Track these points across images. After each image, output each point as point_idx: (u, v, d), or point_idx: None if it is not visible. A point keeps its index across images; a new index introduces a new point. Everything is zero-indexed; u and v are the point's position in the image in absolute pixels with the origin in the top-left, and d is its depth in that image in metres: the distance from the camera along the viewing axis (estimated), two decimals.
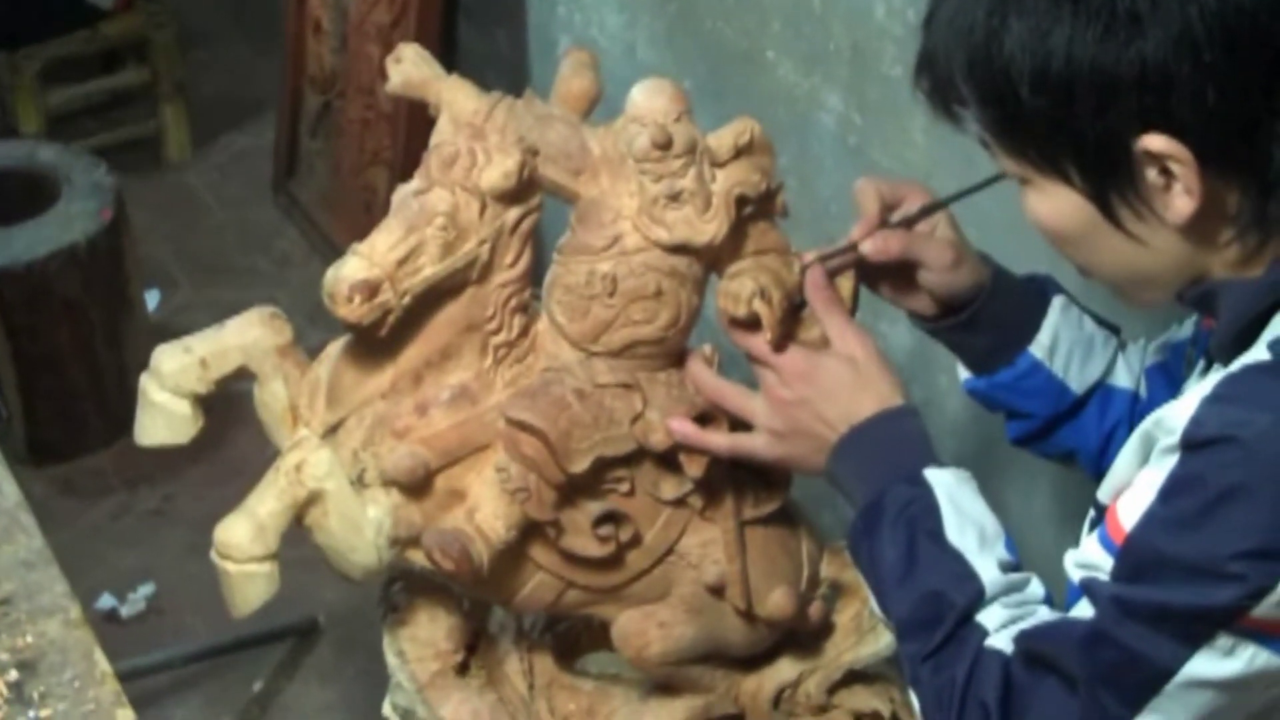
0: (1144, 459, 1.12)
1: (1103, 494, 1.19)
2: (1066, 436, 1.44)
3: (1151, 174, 1.08)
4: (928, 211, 1.38)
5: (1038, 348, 1.40)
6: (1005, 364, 1.41)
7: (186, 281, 3.41)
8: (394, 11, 3.03)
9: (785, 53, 2.19)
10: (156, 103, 3.74)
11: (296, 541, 1.41)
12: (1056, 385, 1.41)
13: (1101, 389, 1.42)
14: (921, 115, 1.15)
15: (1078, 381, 1.41)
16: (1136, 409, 1.41)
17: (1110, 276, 1.18)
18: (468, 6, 3.09)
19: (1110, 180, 1.09)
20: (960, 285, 1.38)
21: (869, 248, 1.36)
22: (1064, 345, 1.40)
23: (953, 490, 1.24)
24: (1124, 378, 1.43)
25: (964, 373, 1.45)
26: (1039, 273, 1.42)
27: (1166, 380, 1.39)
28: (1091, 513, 1.22)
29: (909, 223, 1.38)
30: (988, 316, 1.39)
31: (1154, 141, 1.05)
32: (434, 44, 2.96)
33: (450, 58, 3.10)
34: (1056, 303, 1.41)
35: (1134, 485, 1.10)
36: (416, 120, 2.78)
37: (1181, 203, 1.07)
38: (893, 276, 1.40)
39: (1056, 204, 1.13)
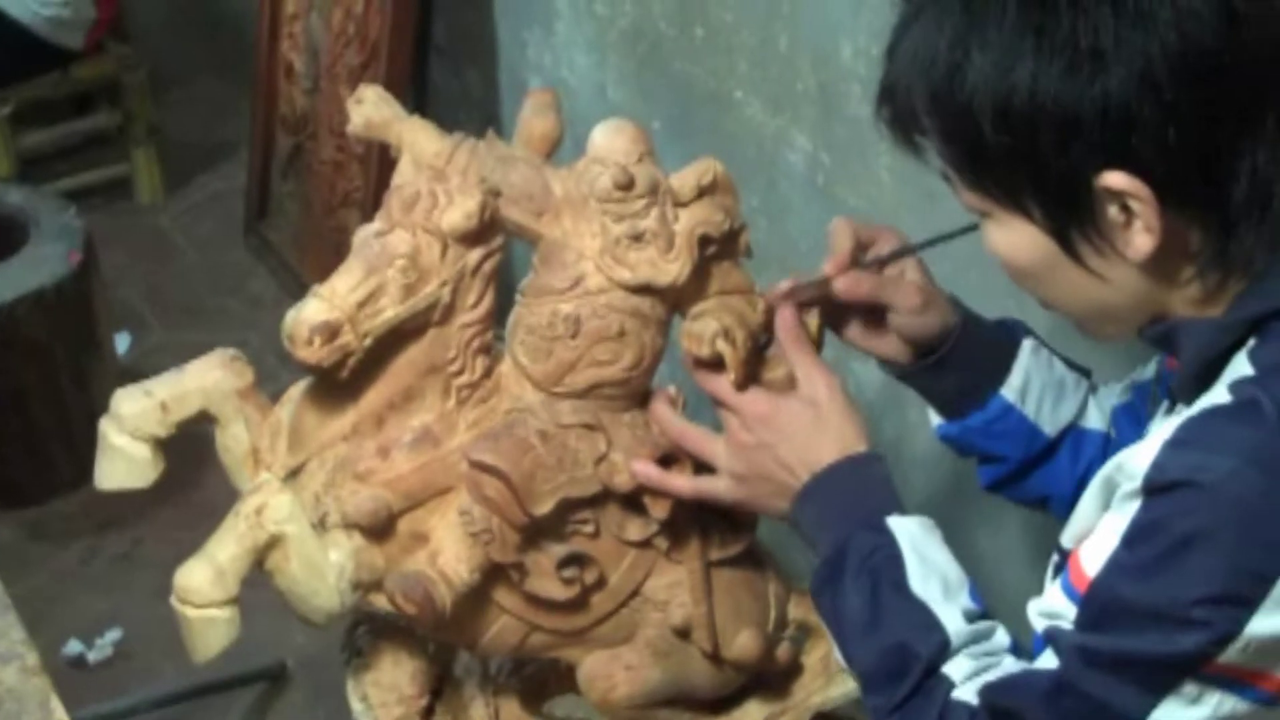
0: (1106, 504, 1.11)
1: (1066, 539, 1.18)
2: (1040, 481, 1.43)
3: (1112, 211, 1.07)
4: (899, 255, 1.38)
5: (1009, 390, 1.39)
6: (976, 407, 1.40)
7: (158, 324, 3.40)
8: (365, 53, 3.04)
9: (753, 93, 2.19)
10: (128, 145, 3.74)
11: (265, 585, 1.40)
12: (1028, 428, 1.40)
13: (1074, 431, 1.41)
14: (887, 155, 1.16)
15: (1050, 424, 1.40)
16: (1109, 451, 1.39)
17: (1071, 311, 1.17)
18: (439, 47, 3.10)
19: (1071, 216, 1.08)
20: (928, 329, 1.38)
21: (841, 285, 1.35)
22: (1035, 387, 1.39)
23: (916, 539, 1.23)
24: (1096, 420, 1.42)
25: (935, 419, 1.44)
26: (1008, 317, 1.42)
27: (1133, 420, 1.39)
28: (1055, 558, 1.21)
29: (880, 263, 1.37)
30: (957, 359, 1.38)
31: (1114, 179, 1.04)
32: (405, 85, 2.96)
33: (422, 99, 3.11)
34: (1026, 345, 1.40)
35: (1097, 531, 1.09)
36: (388, 162, 2.72)
37: (1141, 240, 1.07)
38: (860, 318, 1.40)
39: (1017, 239, 1.12)
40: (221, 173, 3.80)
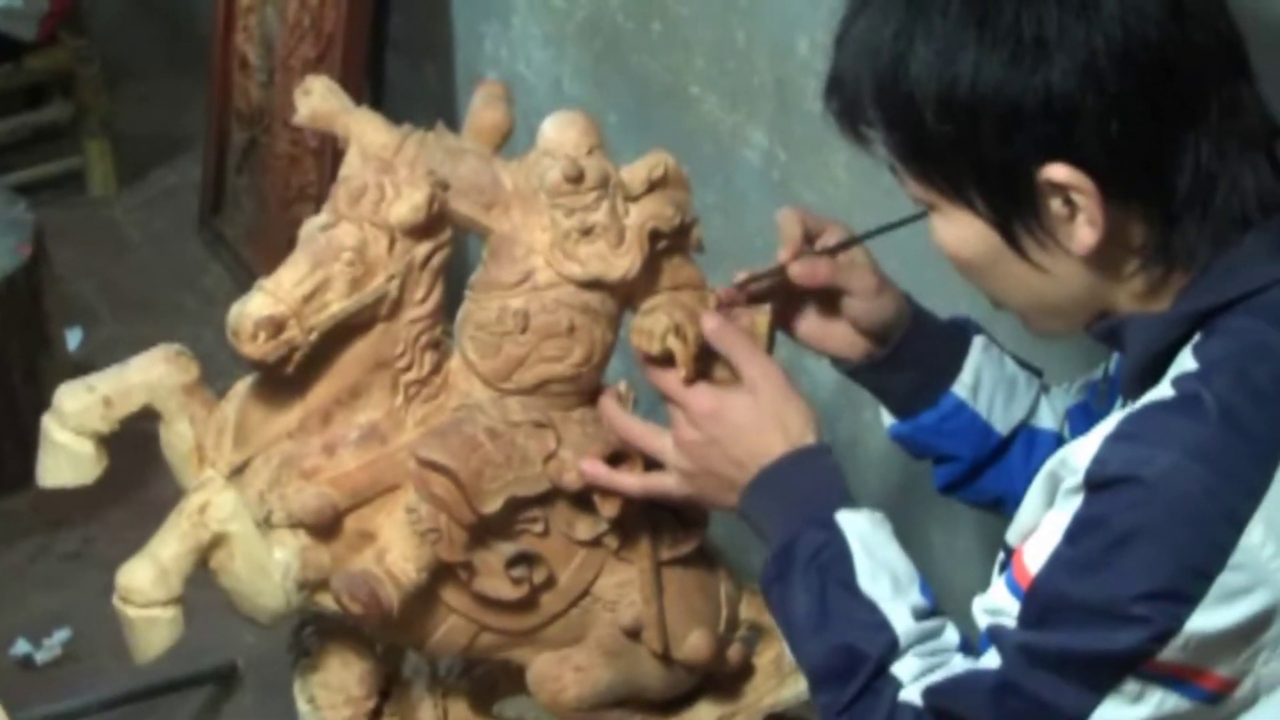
0: (1050, 500, 1.10)
1: (1011, 536, 1.17)
2: (993, 481, 1.43)
3: (1055, 204, 1.07)
4: (849, 244, 1.38)
5: (960, 387, 1.39)
6: (928, 405, 1.40)
7: (110, 319, 3.37)
8: (320, 46, 3.02)
9: (710, 88, 2.19)
10: (81, 138, 3.71)
11: (215, 584, 1.39)
12: (981, 426, 1.40)
13: (1026, 430, 1.41)
14: (844, 151, 1.17)
15: (1002, 422, 1.40)
16: None
17: (1015, 305, 1.18)
18: (395, 41, 3.09)
19: (1014, 209, 1.08)
20: (884, 315, 1.37)
21: (797, 269, 1.35)
22: (987, 385, 1.39)
23: (865, 534, 1.23)
24: (1048, 419, 1.42)
25: (888, 418, 1.44)
26: (959, 315, 1.42)
27: (1086, 419, 1.38)
28: (1001, 555, 1.21)
29: (831, 252, 1.37)
30: (909, 355, 1.38)
31: (1057, 171, 1.04)
32: (360, 78, 2.95)
33: (378, 92, 3.10)
34: (977, 342, 1.40)
35: (1040, 527, 1.09)
36: (343, 156, 2.76)
37: (1084, 233, 1.07)
38: (813, 310, 1.39)
39: (962, 231, 1.13)
40: (176, 166, 3.78)
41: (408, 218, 1.33)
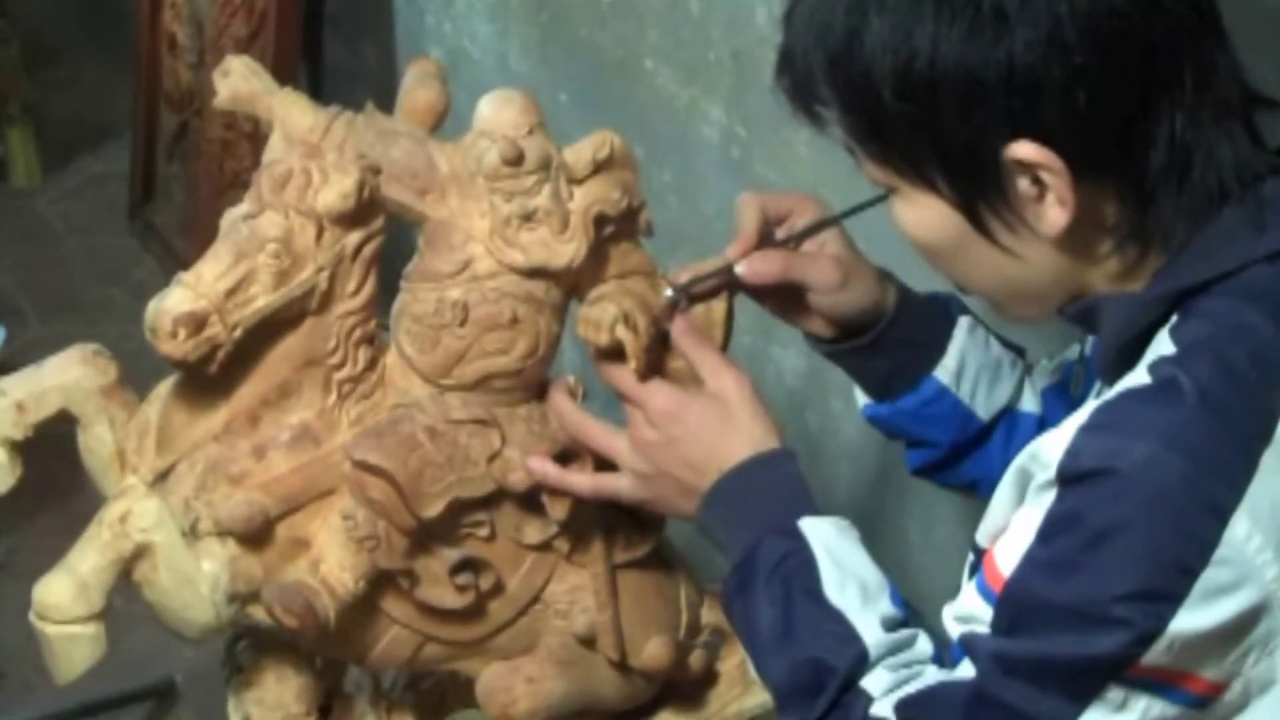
0: (1021, 496, 1.09)
1: (981, 536, 1.16)
2: (971, 466, 1.42)
3: (1023, 184, 1.06)
4: (815, 229, 1.36)
5: (943, 371, 1.38)
6: (909, 389, 1.39)
7: (35, 316, 3.34)
8: (253, 24, 2.99)
9: (664, 61, 2.18)
10: (1, 125, 3.67)
11: None
12: (963, 412, 1.39)
13: (1008, 415, 1.40)
14: (806, 128, 1.15)
15: (984, 408, 1.39)
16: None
17: (986, 291, 1.17)
18: (333, 17, 3.06)
19: (978, 190, 1.07)
20: (851, 306, 1.36)
21: (744, 269, 1.34)
22: (971, 369, 1.38)
23: (831, 542, 1.22)
24: (1030, 402, 1.42)
25: (862, 398, 1.43)
26: (942, 292, 1.40)
27: (1062, 400, 1.38)
28: (971, 557, 1.20)
29: (795, 240, 1.36)
30: (890, 338, 1.37)
31: (1023, 149, 1.03)
32: (295, 57, 2.92)
33: (315, 72, 3.07)
34: (963, 323, 1.39)
35: (1011, 526, 1.08)
36: None
37: (1054, 214, 1.06)
38: (779, 297, 1.38)
39: (925, 215, 1.11)
40: (102, 154, 3.74)
41: (336, 205, 1.32)
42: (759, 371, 2.01)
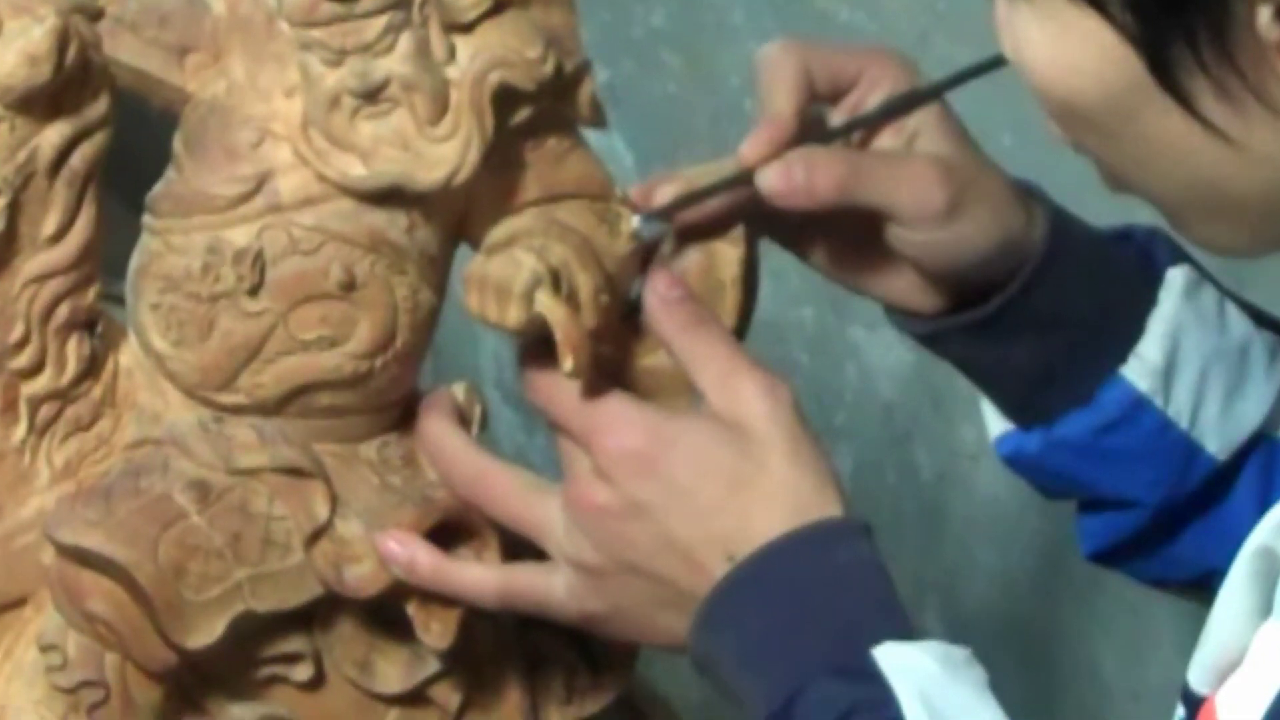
0: (1268, 601, 0.91)
1: (1195, 676, 0.96)
2: (1199, 543, 1.22)
3: (1264, 15, 0.86)
4: (899, 108, 1.15)
5: (1140, 369, 1.18)
6: (1077, 403, 1.19)
7: None
8: None
9: None
10: None
11: None
12: (1179, 442, 1.19)
13: (1265, 448, 1.21)
14: None
15: (1219, 435, 1.19)
16: None
17: (1157, 192, 0.97)
18: None
19: (1184, 19, 0.88)
20: (964, 251, 1.16)
21: (774, 180, 1.11)
22: (1192, 364, 1.18)
23: (934, 688, 1.01)
24: None
25: (994, 422, 1.24)
26: (1136, 225, 1.19)
27: None
28: (1180, 712, 1.00)
29: (861, 127, 1.15)
30: (1038, 306, 1.18)
31: None
32: None
33: None
34: (1174, 280, 1.17)
35: (1249, 661, 0.91)
36: None
37: None
38: (834, 236, 1.18)
39: (1071, 45, 0.92)
40: None
41: (19, 76, 1.08)
42: (823, 372, 1.79)
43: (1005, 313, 1.16)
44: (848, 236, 1.17)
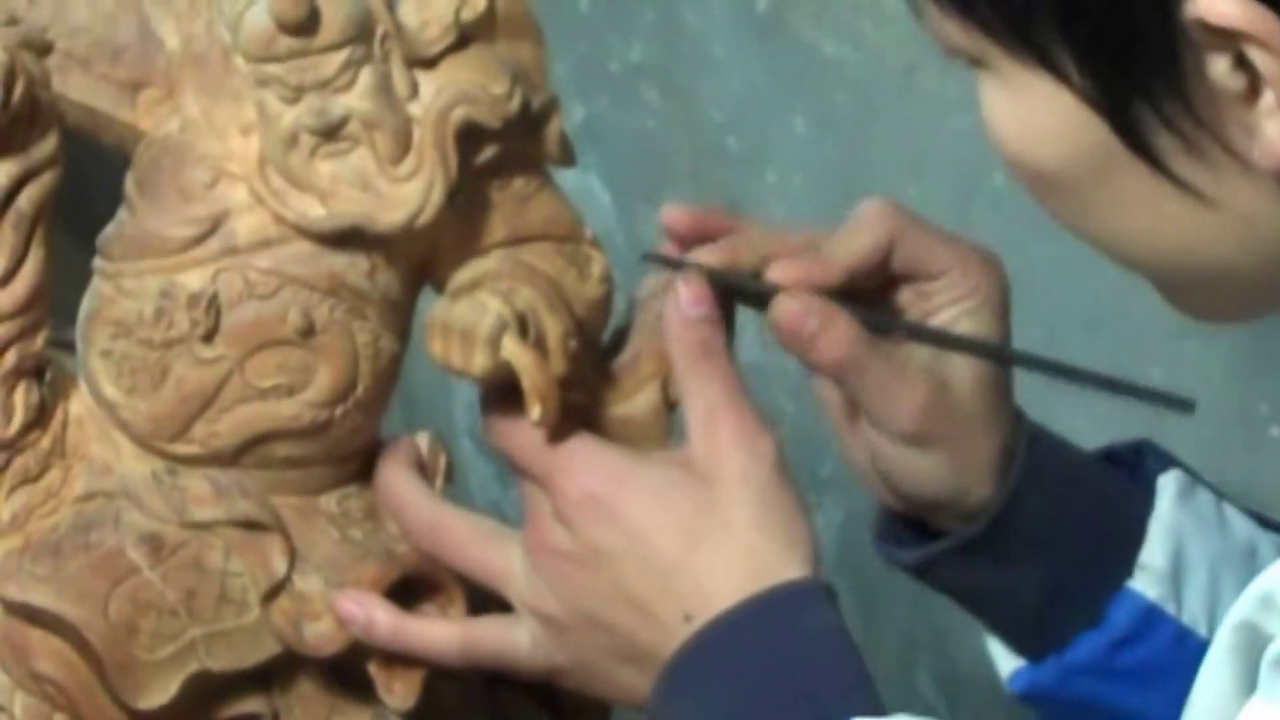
0: (1250, 678, 0.90)
1: None
2: None
3: (1218, 66, 0.87)
4: (950, 345, 1.13)
5: (1145, 578, 1.16)
6: (1087, 624, 1.18)
7: None
8: None
9: None
10: None
11: None
12: (1198, 651, 1.06)
13: None
14: None
15: None
16: None
17: (1135, 257, 0.97)
18: None
19: (1136, 76, 0.88)
20: (924, 479, 1.15)
21: (784, 316, 1.10)
22: (1200, 567, 1.16)
23: None
24: None
25: (1005, 662, 1.22)
26: (1119, 441, 1.18)
27: None
28: None
29: (901, 337, 1.13)
30: (1029, 523, 1.16)
31: (1218, 5, 0.84)
32: None
33: None
34: (1168, 486, 1.16)
35: None
36: None
37: (1274, 127, 0.87)
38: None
39: (1038, 113, 0.93)
40: None
41: None
42: (809, 421, 1.76)
43: (998, 532, 1.14)
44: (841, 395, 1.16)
